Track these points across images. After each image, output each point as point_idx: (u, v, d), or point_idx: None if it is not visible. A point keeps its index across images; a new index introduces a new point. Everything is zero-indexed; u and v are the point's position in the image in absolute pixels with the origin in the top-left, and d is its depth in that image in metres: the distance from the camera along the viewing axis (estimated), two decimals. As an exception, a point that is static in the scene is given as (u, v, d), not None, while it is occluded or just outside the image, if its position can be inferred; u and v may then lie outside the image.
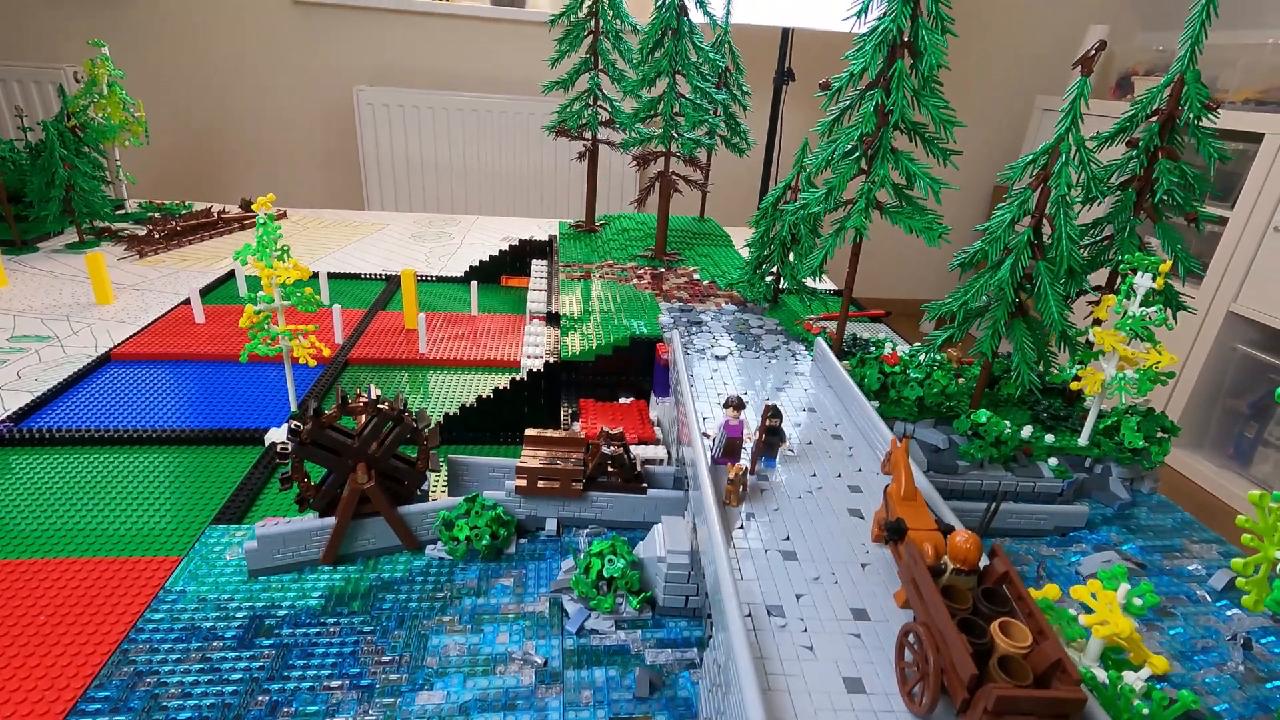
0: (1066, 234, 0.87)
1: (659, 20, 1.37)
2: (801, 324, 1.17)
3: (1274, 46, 2.55)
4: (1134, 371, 0.92)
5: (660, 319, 1.20)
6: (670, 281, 1.48)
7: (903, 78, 0.87)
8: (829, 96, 0.92)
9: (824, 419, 0.89)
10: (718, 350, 1.06)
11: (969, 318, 0.96)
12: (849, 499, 0.71)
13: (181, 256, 2.00)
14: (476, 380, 1.38)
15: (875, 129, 0.90)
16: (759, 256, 1.29)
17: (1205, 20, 0.88)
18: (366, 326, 1.56)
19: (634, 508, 0.88)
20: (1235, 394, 2.68)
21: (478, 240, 2.38)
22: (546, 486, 0.86)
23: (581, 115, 1.68)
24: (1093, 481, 1.01)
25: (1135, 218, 0.98)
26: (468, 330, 1.57)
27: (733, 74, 1.76)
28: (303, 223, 2.45)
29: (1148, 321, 0.88)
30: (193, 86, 3.30)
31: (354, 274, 1.91)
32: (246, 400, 1.22)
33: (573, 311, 1.28)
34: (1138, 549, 0.89)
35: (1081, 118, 0.85)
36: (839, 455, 0.80)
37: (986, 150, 4.02)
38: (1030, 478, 0.97)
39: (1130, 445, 0.95)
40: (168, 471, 1.01)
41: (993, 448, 0.93)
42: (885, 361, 0.96)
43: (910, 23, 0.86)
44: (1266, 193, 2.47)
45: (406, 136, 3.34)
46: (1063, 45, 3.66)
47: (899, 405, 0.96)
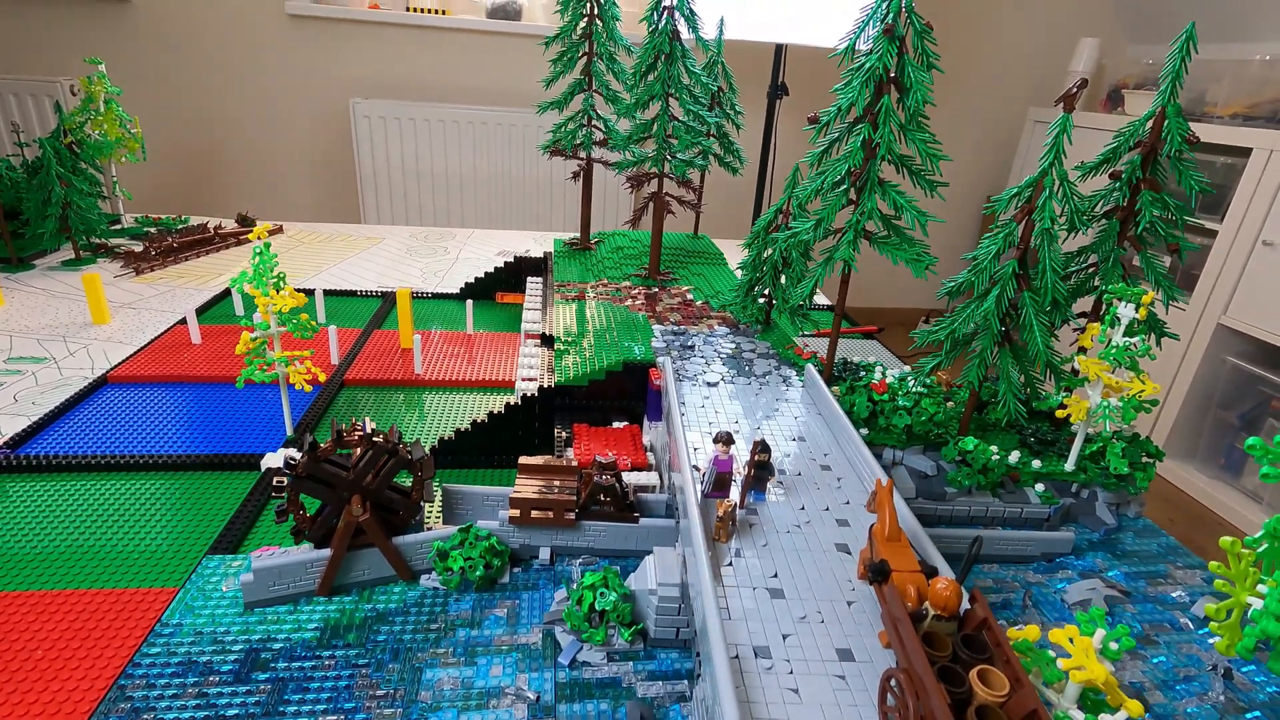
0: (1051, 266, 0.88)
1: (652, 45, 1.39)
2: (792, 349, 1.19)
3: (1260, 62, 2.58)
4: (1118, 399, 0.94)
5: (653, 343, 1.21)
6: (664, 302, 1.49)
7: (889, 113, 0.89)
8: (817, 130, 0.94)
9: (813, 448, 0.90)
10: (709, 376, 1.07)
11: (956, 346, 0.97)
12: (836, 533, 0.72)
13: (178, 273, 2.00)
14: (472, 400, 1.39)
15: (863, 162, 0.92)
16: (751, 279, 1.30)
17: (1185, 56, 0.90)
18: (362, 346, 1.57)
19: (627, 536, 0.89)
20: (1226, 405, 2.70)
21: (473, 255, 2.39)
22: (540, 516, 0.87)
23: (576, 135, 1.69)
24: (1079, 506, 1.02)
25: (1119, 247, 1.00)
26: (463, 349, 1.58)
27: (725, 93, 1.78)
28: (299, 237, 2.46)
29: (1132, 352, 0.90)
30: (189, 99, 3.31)
31: (350, 291, 1.92)
32: (242, 424, 1.23)
33: (567, 334, 1.29)
34: (1123, 576, 0.90)
35: (1064, 153, 0.86)
36: (827, 487, 0.81)
37: (980, 160, 4.05)
38: (1017, 503, 0.98)
39: (1116, 471, 0.96)
40: (164, 498, 1.01)
41: (980, 475, 0.95)
42: (874, 390, 0.97)
43: (896, 59, 0.88)
44: (1255, 206, 2.50)
45: (403, 149, 3.35)
46: (1054, 58, 3.69)
47: (888, 433, 0.98)
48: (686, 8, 1.38)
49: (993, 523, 0.98)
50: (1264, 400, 2.55)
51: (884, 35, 0.85)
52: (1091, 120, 3.22)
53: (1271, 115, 2.58)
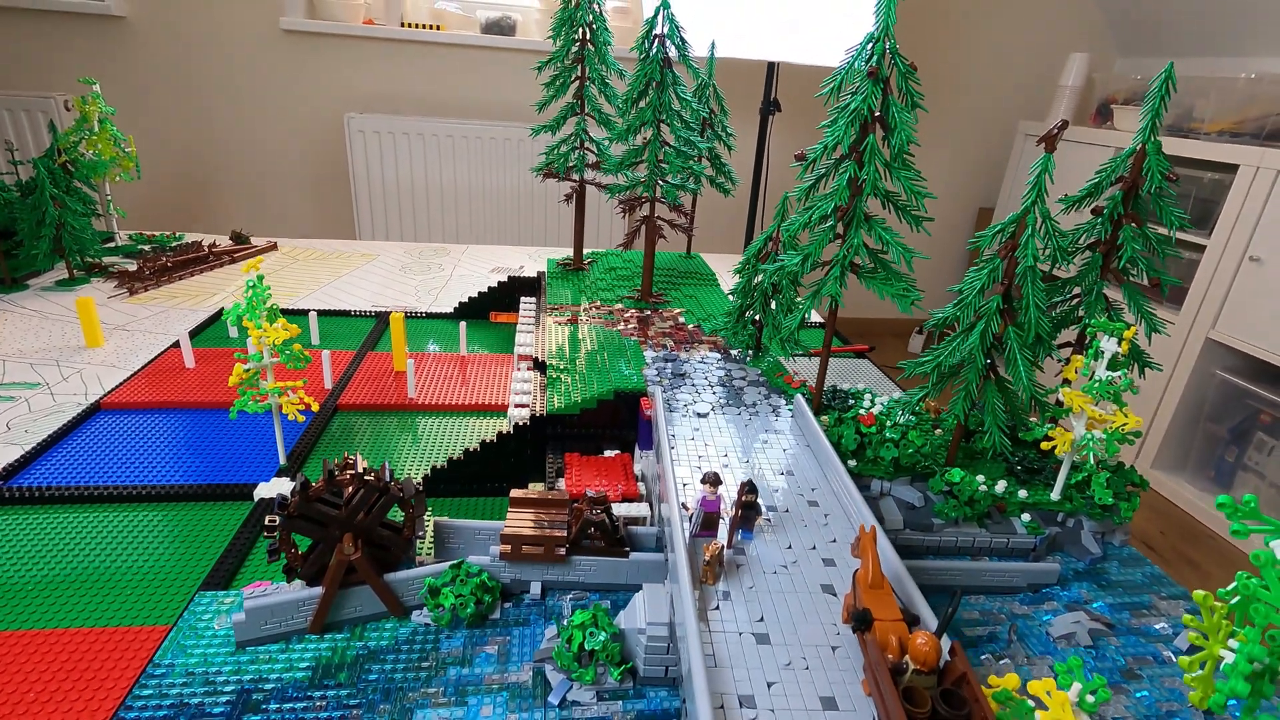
0: (1034, 303, 0.89)
1: (643, 72, 1.41)
2: (782, 377, 1.20)
3: (1246, 80, 2.61)
4: (1102, 432, 0.95)
5: (645, 370, 1.22)
6: (656, 326, 1.50)
7: (875, 151, 0.90)
8: (804, 167, 0.95)
9: (801, 482, 0.91)
10: (699, 407, 1.08)
11: (943, 378, 0.98)
12: (822, 573, 0.73)
13: (172, 293, 2.01)
14: (467, 425, 1.40)
15: (849, 199, 0.93)
16: (742, 305, 1.31)
17: (1164, 95, 0.92)
18: (356, 369, 1.58)
19: (617, 570, 0.89)
20: (1215, 419, 2.72)
21: (467, 272, 2.40)
22: (530, 552, 0.88)
23: (569, 158, 1.71)
24: (1065, 535, 1.03)
25: (1102, 279, 1.01)
26: (457, 371, 1.59)
27: (717, 115, 1.79)
28: (293, 254, 2.46)
29: (1114, 387, 0.91)
30: (184, 115, 3.32)
31: (344, 311, 1.93)
32: (235, 452, 1.23)
33: (559, 360, 1.30)
34: (1107, 607, 0.92)
35: (1046, 192, 0.88)
36: (814, 524, 0.82)
37: (972, 173, 4.08)
38: (1004, 534, 0.99)
39: (1101, 502, 0.97)
40: (156, 531, 1.02)
41: (966, 507, 0.96)
42: (861, 422, 0.98)
43: (881, 100, 0.89)
44: (1242, 222, 2.52)
45: (398, 163, 3.37)
46: (1044, 72, 3.73)
47: (876, 464, 0.99)
48: (677, 36, 1.40)
49: (979, 553, 1.00)
50: (1253, 414, 2.57)
51: (868, 78, 0.86)
52: (1081, 135, 3.25)
53: (1257, 132, 2.61)
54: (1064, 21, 3.73)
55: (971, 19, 3.70)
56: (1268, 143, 2.56)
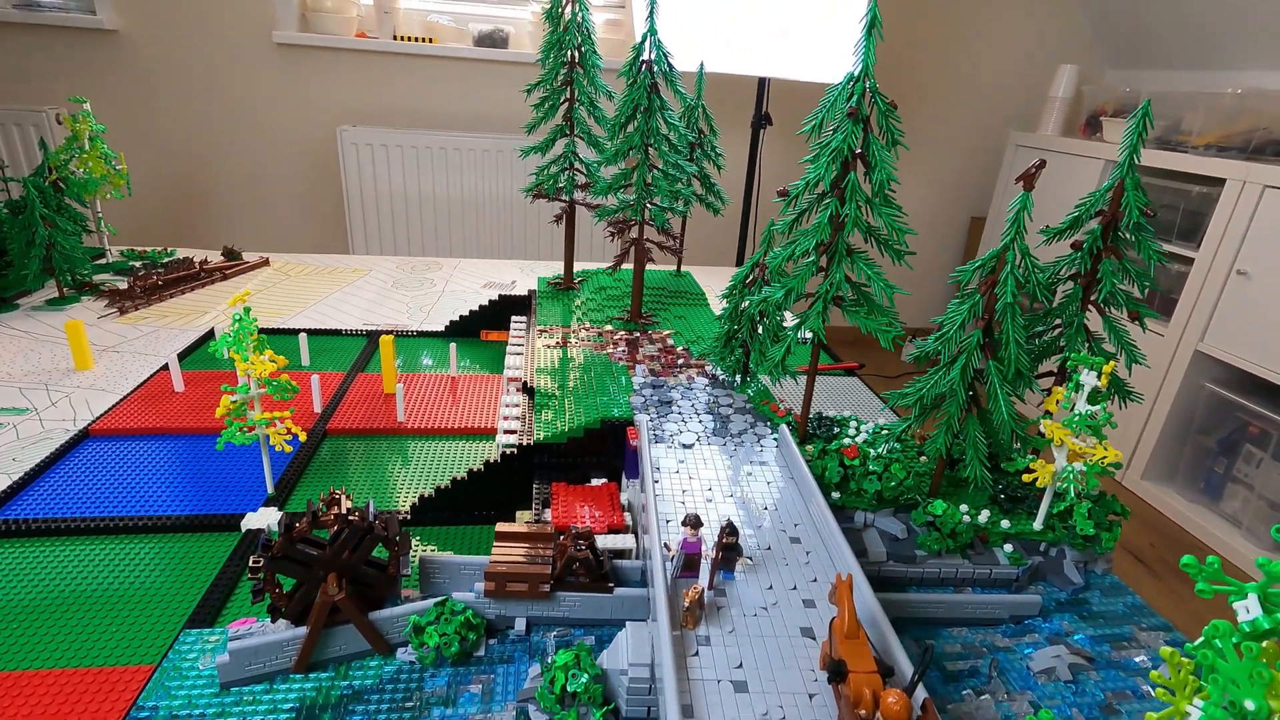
0: (1014, 339, 0.90)
1: (630, 98, 1.41)
2: (769, 404, 1.21)
3: (1232, 95, 2.64)
4: (1082, 465, 0.96)
5: (631, 398, 1.22)
6: (644, 349, 1.51)
7: (856, 189, 0.91)
8: (785, 203, 0.96)
9: (784, 517, 0.92)
10: (684, 437, 1.09)
11: (925, 410, 0.99)
12: (802, 616, 0.74)
13: (163, 312, 2.01)
14: (457, 448, 1.40)
15: (831, 235, 0.94)
16: (729, 330, 1.32)
17: (1141, 132, 0.93)
18: (346, 391, 1.58)
19: (601, 606, 0.90)
20: (1205, 431, 2.74)
21: (460, 288, 2.41)
22: (515, 589, 0.88)
23: (558, 179, 1.71)
24: (1047, 564, 1.04)
25: (1082, 311, 1.02)
26: (448, 392, 1.59)
27: (707, 136, 1.80)
28: (285, 270, 2.46)
29: (1093, 421, 0.92)
30: (176, 129, 3.32)
31: (335, 330, 1.93)
32: (223, 480, 1.23)
33: (547, 386, 1.31)
34: (1088, 640, 0.92)
35: (1024, 229, 0.89)
36: (796, 562, 0.83)
37: (962, 184, 4.10)
38: (986, 564, 1.00)
39: (1082, 533, 0.98)
40: (141, 565, 1.02)
41: (949, 539, 0.97)
42: (845, 455, 0.99)
43: (862, 138, 0.90)
44: (1229, 237, 2.54)
45: (391, 176, 3.37)
46: (1034, 84, 3.75)
47: (859, 497, 0.99)
48: (664, 63, 1.41)
49: (962, 584, 1.00)
50: (1241, 426, 2.59)
51: (848, 118, 0.87)
52: (1071, 147, 3.28)
53: (1244, 146, 2.63)
54: (1054, 33, 3.75)
55: (962, 30, 3.73)
56: (1254, 157, 2.58)
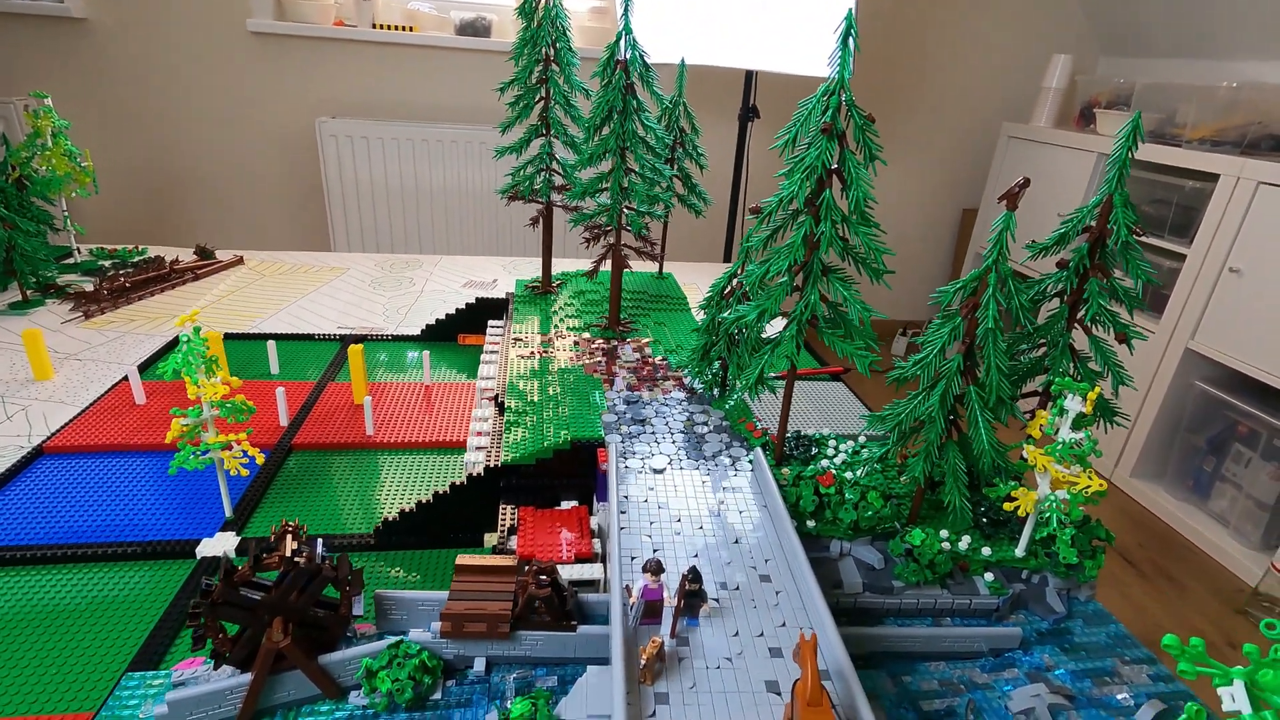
0: (996, 364, 0.86)
1: (605, 99, 1.36)
2: (744, 423, 1.17)
3: (1227, 88, 2.59)
4: (1066, 492, 0.92)
5: (604, 416, 1.18)
6: (622, 358, 1.46)
7: (831, 207, 0.86)
8: (759, 221, 0.91)
9: (755, 551, 0.88)
10: (655, 461, 1.05)
11: (904, 437, 0.95)
12: (768, 667, 0.70)
13: (130, 316, 1.95)
14: (428, 463, 1.36)
15: (806, 254, 0.89)
16: (707, 343, 1.28)
17: (1131, 146, 0.88)
18: (315, 402, 1.53)
19: (565, 645, 0.86)
20: (1194, 429, 2.72)
21: (439, 287, 2.35)
22: (473, 630, 0.84)
23: (534, 180, 1.66)
24: (1029, 592, 1.01)
25: (1067, 331, 0.98)
26: (421, 402, 1.55)
27: (688, 135, 1.75)
28: (260, 269, 2.40)
29: (1077, 450, 0.88)
30: (149, 122, 3.23)
31: (307, 335, 1.88)
32: (179, 502, 1.19)
33: (519, 401, 1.27)
34: (1069, 675, 0.89)
35: (1008, 250, 0.84)
36: (764, 604, 0.79)
37: (954, 175, 4.05)
38: (966, 594, 0.97)
39: (1065, 561, 0.95)
40: (86, 598, 0.98)
41: (927, 570, 0.93)
42: (820, 482, 0.95)
43: (838, 153, 0.85)
44: (1222, 234, 2.50)
45: (372, 169, 3.30)
46: (1028, 74, 3.69)
47: (835, 525, 0.96)
48: (640, 63, 1.35)
49: (941, 614, 0.97)
50: (1230, 425, 2.57)
51: (822, 134, 0.82)
52: (1064, 139, 3.22)
53: (1239, 140, 2.59)
54: (1047, 22, 3.68)
55: (954, 18, 3.65)
56: (1249, 152, 2.54)
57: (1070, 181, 3.13)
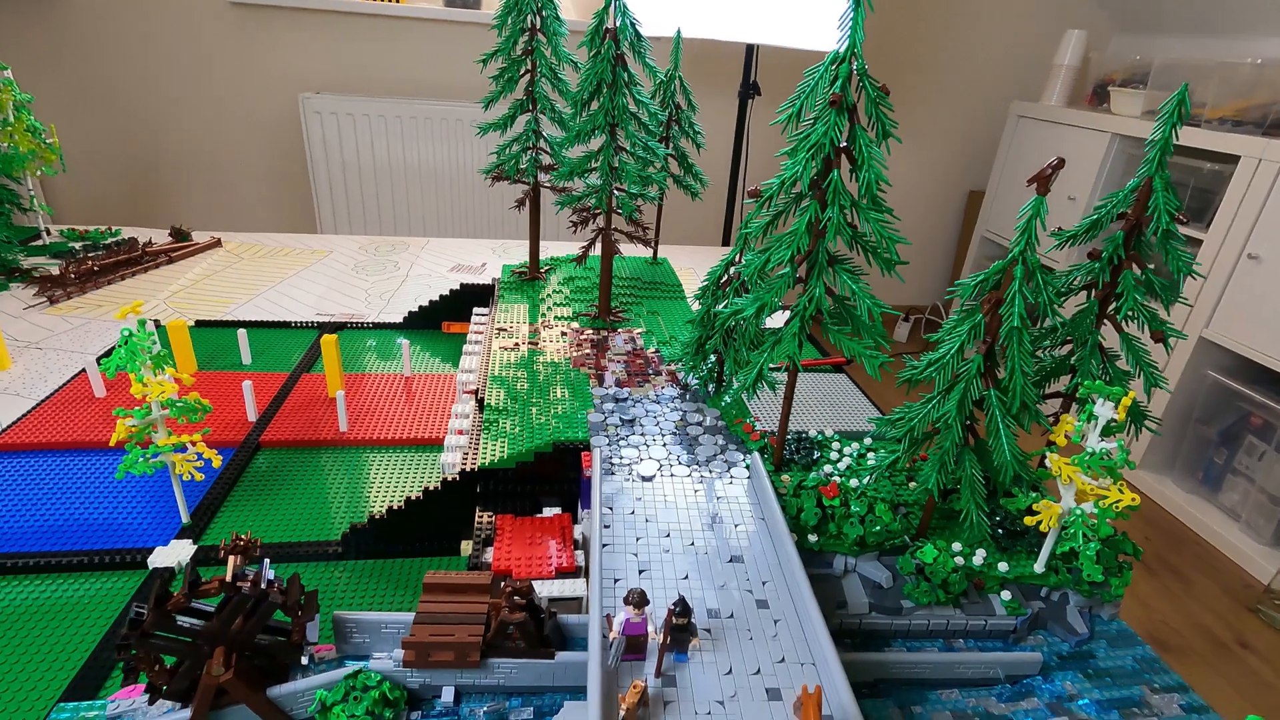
0: (1020, 367, 0.78)
1: (593, 71, 1.26)
2: (741, 424, 1.08)
3: (1251, 65, 2.47)
4: (1093, 506, 0.84)
5: (590, 415, 1.10)
6: (612, 350, 1.38)
7: (839, 190, 0.77)
8: (758, 205, 0.82)
9: (751, 571, 0.80)
10: (644, 467, 0.96)
11: (915, 444, 0.87)
12: (764, 712, 0.62)
13: (98, 301, 1.86)
14: (406, 461, 1.28)
15: (810, 243, 0.80)
16: (701, 336, 1.19)
17: (1175, 123, 0.79)
18: (288, 394, 1.45)
19: (542, 673, 0.78)
20: (1205, 420, 2.64)
21: (425, 271, 2.26)
22: (440, 659, 0.76)
23: (520, 159, 1.56)
24: (1049, 611, 0.93)
25: (1097, 329, 0.89)
26: (401, 394, 1.46)
27: (684, 111, 1.64)
28: (238, 252, 2.31)
29: (1107, 461, 0.80)
30: (124, 98, 3.11)
31: (283, 323, 1.79)
32: (134, 505, 1.11)
33: (499, 398, 1.18)
34: (1094, 707, 0.82)
35: (1037, 240, 0.75)
36: (761, 634, 0.71)
37: (960, 156, 3.93)
38: (981, 615, 0.89)
39: (1090, 579, 0.87)
40: (22, 614, 0.90)
41: (940, 589, 0.85)
42: (824, 494, 0.87)
43: (848, 129, 0.76)
44: (1241, 217, 2.41)
45: (359, 147, 3.18)
46: (1039, 50, 3.56)
47: (839, 540, 0.88)
48: (631, 32, 1.25)
49: (954, 636, 0.89)
50: (1243, 416, 2.49)
51: (830, 106, 0.73)
52: (1077, 119, 3.11)
53: (1260, 121, 2.48)
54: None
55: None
56: (1272, 133, 2.43)
57: (1083, 163, 3.02)
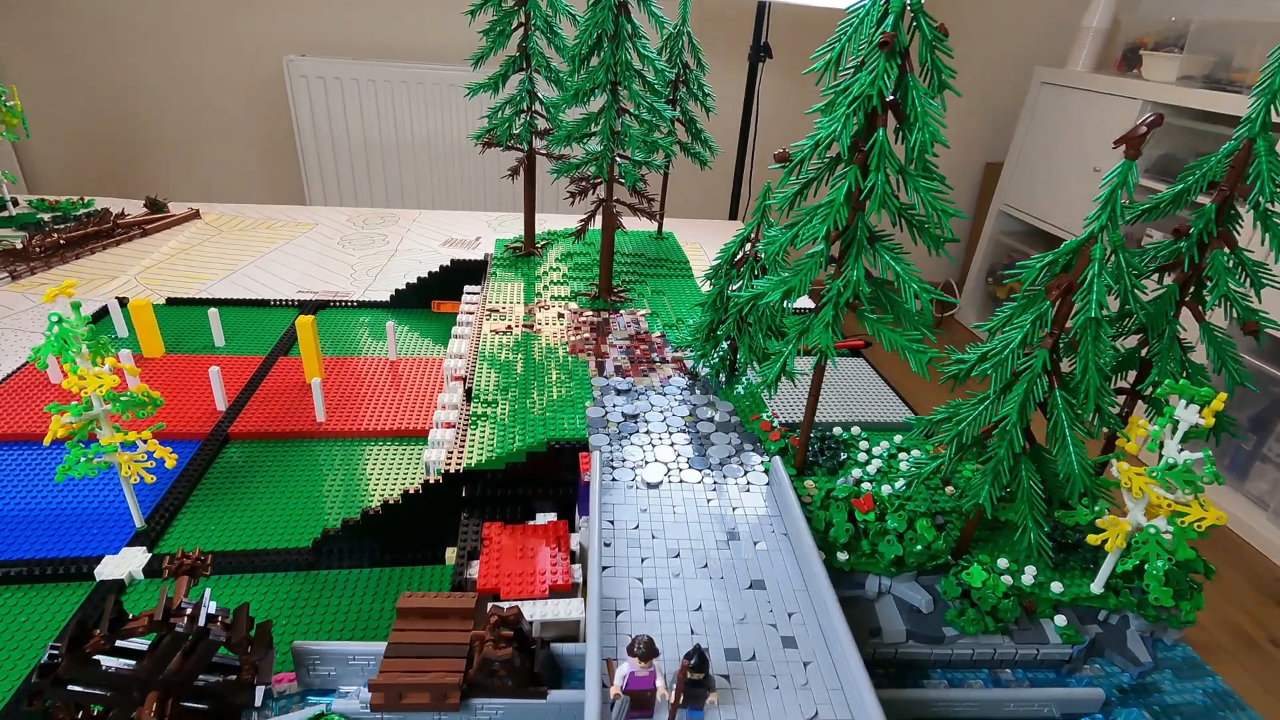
0: (1095, 365, 0.66)
1: (592, 22, 1.12)
2: (758, 421, 0.97)
3: (1301, 26, 2.30)
4: (1167, 523, 0.73)
5: (589, 410, 0.98)
6: (614, 332, 1.26)
7: (885, 154, 0.64)
8: (786, 171, 0.69)
9: (775, 600, 0.69)
10: (650, 473, 0.85)
11: (963, 450, 0.75)
12: (797, 785, 0.52)
13: (63, 276, 1.74)
14: (388, 455, 1.17)
15: (848, 218, 0.68)
16: (713, 320, 1.07)
17: (1290, 72, 0.66)
18: (263, 380, 1.33)
19: (532, 715, 0.68)
20: (1236, 406, 2.52)
21: (416, 245, 2.13)
22: (414, 701, 0.66)
23: (513, 123, 1.42)
24: (1107, 637, 0.82)
25: (1177, 319, 0.77)
26: (387, 380, 1.35)
27: (692, 71, 1.50)
28: (218, 224, 2.17)
29: (1190, 475, 0.68)
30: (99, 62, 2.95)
31: (261, 300, 1.66)
32: (84, 507, 1.00)
33: (488, 388, 1.07)
34: (1164, 752, 0.71)
35: (1121, 214, 0.63)
36: (789, 681, 0.60)
37: (981, 125, 3.76)
38: (1032, 643, 0.78)
39: (1159, 604, 0.76)
40: (-48, 639, 0.80)
41: (989, 618, 0.74)
42: (857, 507, 0.76)
43: (897, 79, 0.63)
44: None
45: (347, 114, 3.03)
46: (1064, 12, 3.37)
47: (874, 560, 0.77)
48: (635, -24, 1.11)
49: (1000, 666, 0.79)
50: (1274, 402, 2.37)
51: (880, 49, 0.60)
52: (1105, 85, 2.94)
53: (1307, 86, 2.32)
54: (1090, -47, 3.35)
55: (988, -51, 3.32)
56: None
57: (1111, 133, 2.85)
